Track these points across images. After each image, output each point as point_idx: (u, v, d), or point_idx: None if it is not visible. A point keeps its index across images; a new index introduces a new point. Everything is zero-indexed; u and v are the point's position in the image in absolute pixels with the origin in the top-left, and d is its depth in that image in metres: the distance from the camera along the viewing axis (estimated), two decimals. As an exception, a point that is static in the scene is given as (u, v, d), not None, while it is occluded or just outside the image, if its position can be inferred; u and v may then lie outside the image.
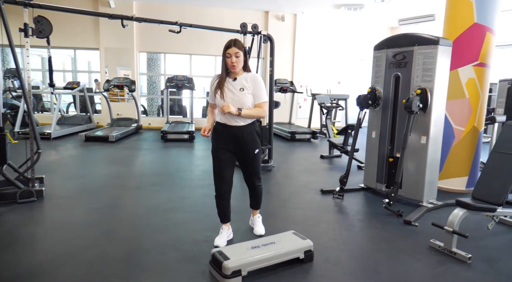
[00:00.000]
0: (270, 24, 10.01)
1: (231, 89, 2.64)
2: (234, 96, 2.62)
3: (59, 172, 4.99)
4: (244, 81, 2.64)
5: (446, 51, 3.64)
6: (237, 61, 2.58)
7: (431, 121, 3.68)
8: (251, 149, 2.74)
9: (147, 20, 4.44)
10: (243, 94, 2.62)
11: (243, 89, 2.63)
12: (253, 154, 2.76)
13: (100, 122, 9.84)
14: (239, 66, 2.62)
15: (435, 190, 3.93)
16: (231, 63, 2.58)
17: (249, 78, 2.66)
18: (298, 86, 10.41)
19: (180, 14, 9.41)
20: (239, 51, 2.58)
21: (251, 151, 2.75)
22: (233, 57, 2.57)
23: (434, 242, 2.90)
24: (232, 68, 2.60)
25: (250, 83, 2.65)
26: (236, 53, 2.57)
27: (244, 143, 2.71)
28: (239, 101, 2.61)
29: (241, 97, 2.62)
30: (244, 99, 2.62)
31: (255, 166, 2.82)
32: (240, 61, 2.60)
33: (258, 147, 2.77)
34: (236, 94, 2.62)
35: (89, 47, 9.77)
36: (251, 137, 2.71)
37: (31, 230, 3.04)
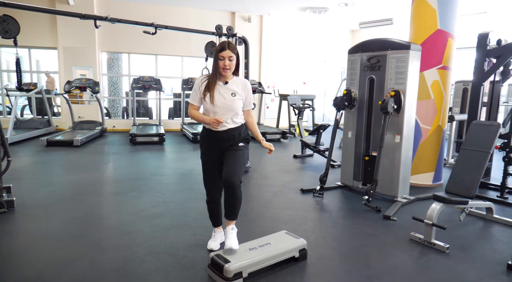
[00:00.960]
0: (237, 25, 10.03)
1: (222, 93, 2.54)
2: (226, 101, 2.53)
3: (25, 180, 4.70)
4: (235, 86, 2.57)
5: (416, 55, 3.89)
6: (230, 64, 2.50)
7: (404, 121, 3.92)
8: (236, 143, 2.60)
9: (122, 21, 4.30)
10: (234, 100, 2.54)
11: (234, 94, 2.55)
12: (237, 146, 2.59)
13: (60, 126, 9.36)
14: (232, 69, 2.54)
15: (407, 186, 4.19)
16: (223, 66, 2.49)
17: (241, 84, 2.60)
18: (265, 86, 10.54)
19: (143, 13, 9.19)
20: (233, 55, 2.50)
21: (236, 145, 2.59)
22: (226, 60, 2.48)
23: (414, 234, 3.10)
24: (224, 72, 2.51)
25: (242, 89, 2.59)
26: (230, 56, 2.49)
27: (228, 140, 2.58)
28: (230, 106, 2.53)
29: (232, 102, 2.54)
30: (235, 105, 2.55)
31: (237, 161, 2.54)
32: (233, 64, 2.53)
33: (243, 142, 2.63)
34: (227, 99, 2.53)
35: (46, 46, 9.24)
36: (237, 136, 2.61)
37: (8, 243, 2.86)
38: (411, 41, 4.70)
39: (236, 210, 2.59)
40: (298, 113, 7.15)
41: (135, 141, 7.58)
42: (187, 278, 2.40)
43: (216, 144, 2.61)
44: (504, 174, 4.25)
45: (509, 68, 4.48)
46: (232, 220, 2.61)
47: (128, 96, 9.92)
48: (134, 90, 8.69)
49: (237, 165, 2.54)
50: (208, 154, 2.66)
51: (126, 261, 2.59)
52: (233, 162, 2.53)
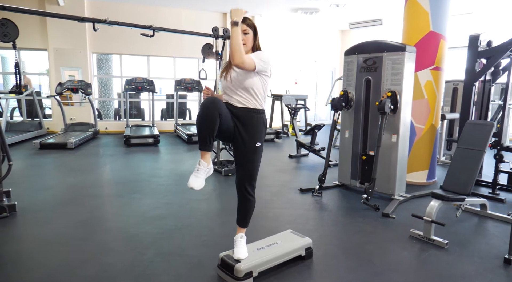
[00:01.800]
0: (228, 25, 10.03)
1: (235, 68, 2.30)
2: (238, 76, 2.29)
3: (23, 184, 4.65)
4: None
5: (411, 57, 4.00)
6: (245, 38, 2.28)
7: (400, 121, 4.02)
8: (253, 139, 2.32)
9: (120, 24, 4.30)
10: (247, 74, 2.27)
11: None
12: (253, 146, 2.33)
13: (51, 128, 9.24)
14: (248, 44, 2.31)
15: (404, 184, 4.30)
16: None
17: (254, 54, 2.30)
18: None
19: (134, 14, 9.15)
20: (248, 29, 2.30)
21: (252, 142, 2.32)
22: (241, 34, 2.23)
23: (414, 231, 3.20)
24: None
25: (254, 57, 2.25)
26: (245, 30, 2.29)
27: (245, 129, 2.30)
28: (242, 81, 2.27)
29: (245, 77, 2.27)
30: (249, 80, 2.27)
31: (253, 164, 2.37)
32: (249, 39, 2.31)
33: (260, 141, 2.36)
34: (240, 73, 2.29)
35: (36, 48, 9.11)
36: (256, 124, 2.32)
37: (15, 247, 2.86)
38: (404, 43, 4.82)
39: (248, 217, 2.50)
40: (293, 113, 7.22)
41: (129, 142, 7.55)
42: (197, 278, 2.44)
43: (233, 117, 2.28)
44: (496, 171, 4.40)
45: (499, 69, 4.63)
46: (243, 227, 2.52)
47: (121, 98, 9.85)
48: (127, 92, 8.64)
49: (253, 165, 2.37)
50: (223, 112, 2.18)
51: (134, 262, 2.62)
52: (247, 166, 2.37)
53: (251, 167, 2.39)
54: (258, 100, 2.34)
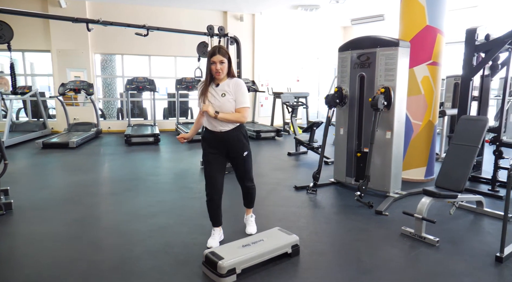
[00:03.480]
0: (229, 24, 10.06)
1: (214, 94, 2.67)
2: (216, 101, 2.65)
3: (22, 183, 4.73)
4: (226, 86, 2.66)
5: (405, 52, 3.96)
6: (222, 68, 2.61)
7: (394, 117, 3.98)
8: (240, 152, 2.80)
9: (114, 24, 4.33)
10: (225, 100, 2.64)
11: (224, 94, 2.64)
12: (242, 156, 2.82)
13: (56, 128, 9.35)
14: (224, 72, 2.65)
15: (399, 181, 4.26)
16: (215, 70, 2.61)
17: (232, 83, 2.68)
18: (259, 85, 10.58)
19: (134, 14, 9.19)
20: (224, 58, 2.62)
21: (240, 154, 2.81)
22: (217, 64, 2.60)
23: (405, 229, 3.17)
24: (217, 75, 2.63)
25: (232, 88, 2.66)
26: (221, 60, 2.61)
27: (232, 147, 2.77)
28: (221, 106, 2.64)
29: (223, 103, 2.64)
30: (226, 105, 2.64)
31: (246, 168, 2.90)
32: (225, 67, 2.63)
33: (246, 150, 2.84)
34: (218, 100, 2.65)
35: (39, 49, 9.22)
36: (237, 140, 2.75)
37: (8, 245, 2.90)
38: (401, 38, 4.77)
39: (252, 201, 3.13)
40: (291, 111, 7.20)
41: (130, 142, 7.61)
42: (182, 275, 2.45)
43: (217, 144, 2.75)
44: (495, 167, 4.32)
45: (498, 63, 4.55)
46: (250, 208, 3.17)
47: (123, 97, 9.93)
48: (128, 91, 8.71)
49: (247, 169, 2.92)
50: (209, 155, 2.77)
51: (122, 260, 2.64)
52: (243, 168, 2.90)
53: (245, 169, 2.93)
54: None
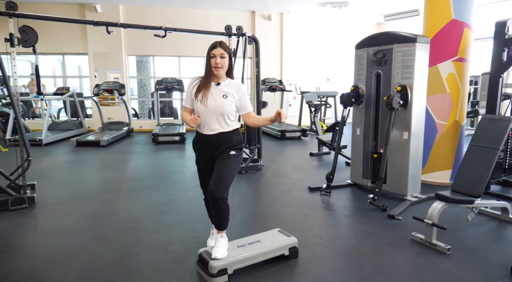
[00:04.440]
0: (257, 24, 10.07)
1: (214, 94, 2.44)
2: (216, 103, 2.43)
3: (50, 178, 5.03)
4: (228, 88, 2.47)
5: (424, 48, 3.74)
6: (222, 62, 2.41)
7: (412, 117, 3.78)
8: (225, 149, 2.47)
9: (132, 26, 4.48)
10: (225, 102, 2.44)
11: (226, 96, 2.44)
12: (227, 155, 2.46)
13: (92, 127, 9.86)
14: (224, 68, 2.44)
15: (418, 184, 4.04)
16: (215, 63, 2.40)
17: (234, 86, 2.50)
18: (287, 84, 10.50)
19: (165, 16, 9.46)
20: (225, 53, 2.42)
21: (226, 151, 2.46)
22: (217, 58, 2.40)
23: (416, 234, 3.00)
24: (216, 70, 2.41)
25: (235, 91, 2.48)
26: (222, 54, 2.41)
27: (220, 146, 2.48)
28: (220, 108, 2.43)
29: (223, 105, 2.43)
30: (226, 106, 2.43)
31: (225, 170, 2.43)
32: (225, 63, 2.43)
33: (235, 150, 2.49)
34: (218, 101, 2.43)
35: (78, 52, 9.77)
36: (229, 141, 2.49)
37: (23, 236, 3.10)
38: (425, 33, 4.53)
39: (222, 222, 2.49)
40: (314, 110, 7.07)
41: (157, 140, 7.85)
42: (175, 273, 2.48)
43: (207, 148, 2.52)
44: (527, 171, 3.98)
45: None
46: (220, 230, 2.52)
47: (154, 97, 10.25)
48: (157, 92, 8.98)
49: (224, 177, 2.41)
50: (200, 157, 2.60)
51: (123, 255, 2.73)
52: (220, 174, 2.41)
53: (225, 174, 2.43)
54: (230, 123, 2.51)
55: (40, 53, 9.89)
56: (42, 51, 9.75)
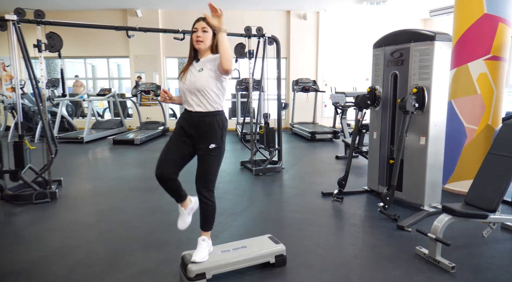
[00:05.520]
0: (292, 23, 9.94)
1: (192, 70, 2.33)
2: (191, 77, 2.30)
3: (80, 175, 5.37)
4: (208, 62, 2.30)
5: (444, 46, 3.44)
6: (203, 36, 2.28)
7: (430, 121, 3.50)
8: (205, 141, 2.31)
9: (151, 30, 4.64)
10: (201, 75, 2.27)
11: (202, 70, 2.29)
12: (206, 148, 2.31)
13: (132, 126, 10.37)
14: (206, 43, 2.30)
15: (438, 193, 3.73)
16: (196, 37, 2.28)
17: (212, 58, 2.31)
18: (322, 84, 10.25)
19: (202, 19, 9.66)
20: (207, 27, 2.28)
21: (205, 143, 2.31)
22: (199, 31, 2.29)
23: (420, 249, 2.77)
24: (197, 44, 2.29)
25: (211, 61, 2.29)
26: (203, 27, 2.28)
27: (200, 132, 2.32)
28: (195, 82, 2.27)
29: (198, 79, 2.27)
30: (201, 81, 2.26)
31: (207, 166, 2.35)
32: (207, 37, 2.30)
33: (215, 143, 2.33)
34: (194, 75, 2.29)
35: (120, 55, 10.34)
36: (209, 127, 2.31)
37: (36, 229, 3.33)
38: (455, 30, 4.18)
39: (208, 221, 2.46)
40: (341, 112, 6.82)
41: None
42: (160, 273, 2.52)
43: (186, 126, 2.35)
44: None
45: None
46: (205, 231, 2.47)
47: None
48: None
49: (208, 168, 2.36)
50: (175, 131, 2.42)
51: (117, 253, 2.82)
52: (205, 165, 2.36)
53: (206, 171, 2.37)
54: (212, 103, 2.32)
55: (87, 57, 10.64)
56: (89, 55, 10.54)
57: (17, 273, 2.52)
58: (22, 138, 4.16)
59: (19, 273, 2.53)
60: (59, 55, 4.19)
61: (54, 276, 2.49)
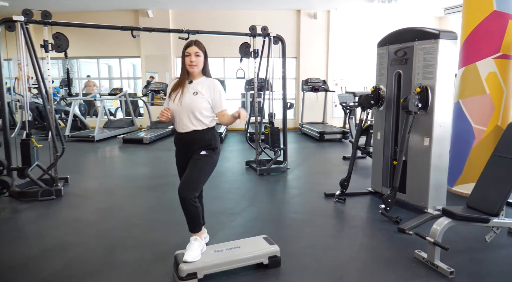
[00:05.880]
0: (302, 23, 9.87)
1: (185, 92, 2.45)
2: (185, 99, 2.43)
3: (87, 173, 5.46)
4: (200, 86, 2.46)
5: (449, 45, 3.34)
6: (196, 60, 2.43)
7: (434, 121, 3.40)
8: (197, 148, 2.46)
9: (156, 30, 4.67)
10: (196, 98, 2.43)
11: (196, 93, 2.44)
12: (198, 154, 2.45)
13: (143, 125, 10.49)
14: (199, 66, 2.46)
15: (443, 196, 3.63)
16: (190, 62, 2.43)
17: (206, 83, 2.48)
18: (333, 84, 10.14)
19: (211, 18, 9.71)
20: (199, 51, 2.44)
21: (196, 150, 2.46)
22: (192, 56, 2.42)
23: (419, 253, 2.70)
24: (190, 68, 2.44)
25: (207, 89, 2.46)
26: (196, 52, 2.43)
27: (193, 145, 2.47)
28: (190, 105, 2.41)
29: (193, 101, 2.42)
30: (195, 104, 2.41)
31: (194, 171, 2.43)
32: (200, 61, 2.45)
33: (206, 150, 2.47)
34: (188, 98, 2.43)
35: (132, 55, 10.48)
36: (200, 141, 2.46)
37: (39, 226, 3.39)
38: (463, 27, 4.07)
39: (192, 223, 2.50)
40: (349, 112, 6.72)
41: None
42: (152, 272, 2.53)
43: (182, 147, 2.54)
44: None
45: None
46: (193, 232, 2.53)
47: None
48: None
49: (193, 177, 2.42)
50: (177, 156, 2.63)
51: (113, 250, 2.85)
52: (190, 173, 2.43)
53: (192, 174, 2.44)
54: (203, 121, 2.47)
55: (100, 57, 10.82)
56: (102, 55, 10.72)
57: (15, 268, 2.57)
58: (29, 136, 4.25)
59: (17, 268, 2.58)
60: (65, 55, 4.26)
61: (49, 272, 2.52)
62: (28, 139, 4.21)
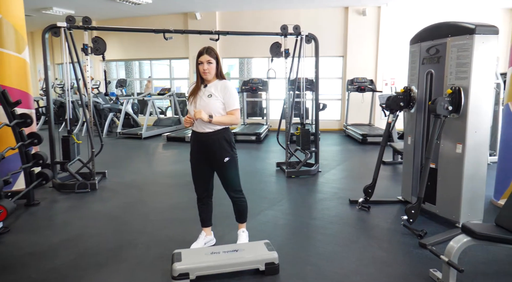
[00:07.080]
0: (350, 20, 9.48)
1: (201, 95, 2.68)
2: (201, 102, 2.66)
3: (126, 168, 5.77)
4: (213, 89, 2.66)
5: (487, 40, 2.96)
6: (209, 68, 2.63)
7: (467, 126, 3.05)
8: (219, 157, 2.70)
9: (186, 32, 4.81)
10: (210, 100, 2.64)
11: (211, 96, 2.65)
12: (222, 162, 2.71)
13: (189, 124, 10.85)
14: (212, 73, 2.65)
15: (480, 210, 3.24)
16: (203, 70, 2.63)
17: (219, 85, 2.68)
18: (382, 84, 9.62)
19: (256, 19, 9.75)
20: (211, 58, 2.63)
21: (220, 159, 2.70)
22: (205, 64, 2.62)
23: (434, 272, 2.43)
24: (204, 75, 2.65)
25: (220, 90, 2.66)
26: (208, 60, 2.62)
27: (211, 151, 2.69)
28: (205, 106, 2.62)
29: (207, 103, 2.64)
30: (211, 105, 2.63)
31: (227, 176, 2.77)
32: (212, 68, 2.64)
33: (227, 156, 2.71)
34: (203, 100, 2.65)
35: (181, 57, 10.89)
36: (218, 144, 2.67)
37: (67, 216, 3.66)
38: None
39: (243, 215, 2.92)
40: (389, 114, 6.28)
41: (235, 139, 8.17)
42: (152, 270, 2.58)
43: (200, 147, 2.73)
44: None
45: None
46: (240, 223, 2.94)
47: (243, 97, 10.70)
48: (243, 92, 9.34)
49: (230, 177, 2.78)
50: (193, 156, 2.80)
51: (123, 244, 2.97)
52: (225, 176, 2.78)
53: (229, 179, 2.79)
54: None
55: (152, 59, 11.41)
56: (153, 57, 11.30)
57: (34, 255, 2.79)
58: (70, 133, 4.61)
59: (35, 255, 2.80)
60: (103, 58, 4.54)
61: (61, 261, 2.70)
62: (68, 135, 4.57)
